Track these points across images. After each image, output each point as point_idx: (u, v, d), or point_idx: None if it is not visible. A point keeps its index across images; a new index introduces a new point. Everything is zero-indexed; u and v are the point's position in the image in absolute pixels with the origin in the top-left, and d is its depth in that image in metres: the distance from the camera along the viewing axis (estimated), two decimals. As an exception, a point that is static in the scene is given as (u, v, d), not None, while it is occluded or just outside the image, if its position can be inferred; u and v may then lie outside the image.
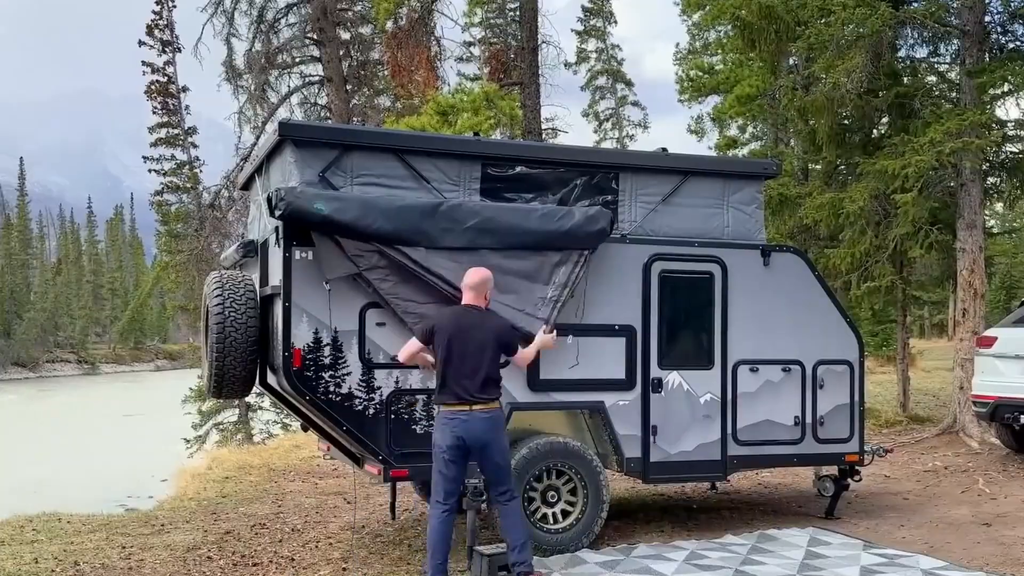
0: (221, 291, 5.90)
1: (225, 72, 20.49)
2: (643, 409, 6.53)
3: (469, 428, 5.17)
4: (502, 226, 5.96)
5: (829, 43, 10.82)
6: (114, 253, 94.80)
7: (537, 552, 6.00)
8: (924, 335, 41.34)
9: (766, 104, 18.42)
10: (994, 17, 11.39)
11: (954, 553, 6.26)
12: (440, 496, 5.27)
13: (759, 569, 5.85)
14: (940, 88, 12.49)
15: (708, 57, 22.96)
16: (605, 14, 38.24)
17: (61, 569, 6.19)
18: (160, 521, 7.85)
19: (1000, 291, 31.07)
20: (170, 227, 24.44)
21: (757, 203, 7.10)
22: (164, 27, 25.37)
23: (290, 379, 5.69)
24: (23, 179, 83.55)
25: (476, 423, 5.18)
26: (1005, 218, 31.72)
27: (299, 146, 5.90)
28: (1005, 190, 12.28)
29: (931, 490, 8.61)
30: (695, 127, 23.74)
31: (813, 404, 7.05)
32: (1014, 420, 9.27)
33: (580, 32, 38.57)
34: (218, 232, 20.90)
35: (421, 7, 17.34)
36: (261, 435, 20.80)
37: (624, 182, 6.64)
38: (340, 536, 7.06)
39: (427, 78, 17.70)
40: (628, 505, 7.88)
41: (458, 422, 5.17)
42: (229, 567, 6.24)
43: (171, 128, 25.75)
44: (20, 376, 65.33)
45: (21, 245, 77.96)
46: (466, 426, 5.17)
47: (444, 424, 5.22)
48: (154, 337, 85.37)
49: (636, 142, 38.49)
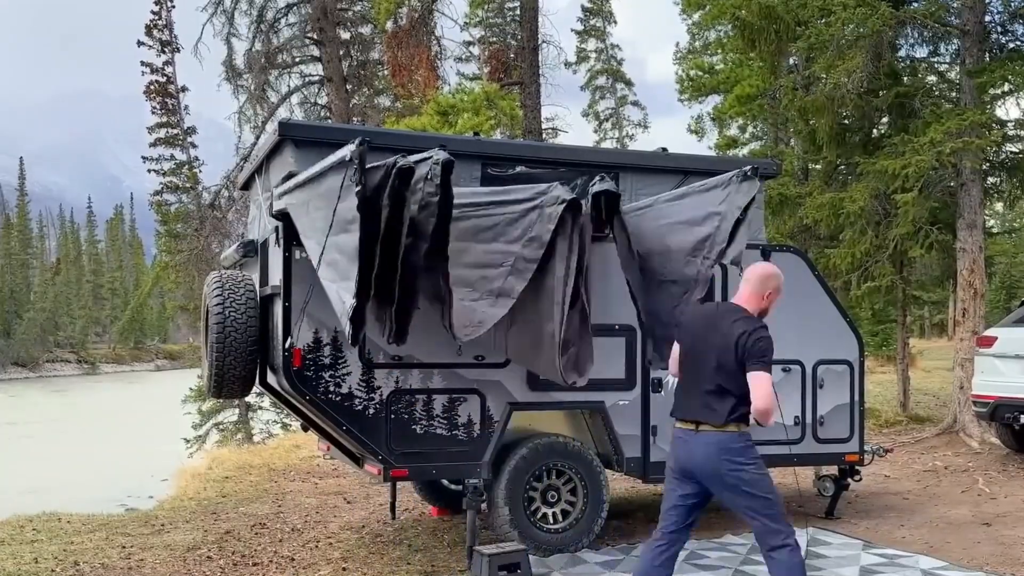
0: (221, 291, 5.90)
1: (225, 72, 20.51)
2: (643, 409, 6.53)
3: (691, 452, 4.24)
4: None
5: (829, 43, 10.82)
6: (114, 253, 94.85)
7: (537, 552, 6.01)
8: (924, 335, 41.35)
9: (766, 104, 18.41)
10: (994, 17, 11.40)
11: (954, 553, 6.26)
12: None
13: (759, 569, 5.84)
14: (940, 88, 12.49)
15: (708, 57, 22.97)
16: (605, 14, 38.25)
17: (61, 569, 6.19)
18: (160, 521, 7.84)
19: (1000, 291, 31.07)
20: (170, 227, 24.43)
21: (757, 203, 7.10)
22: (163, 27, 25.38)
23: (290, 379, 5.69)
24: (23, 179, 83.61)
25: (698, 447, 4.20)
26: (1005, 218, 31.75)
27: (299, 146, 5.89)
28: (1005, 190, 12.29)
29: (931, 490, 8.61)
30: (695, 127, 23.74)
31: (813, 404, 7.05)
32: (1014, 420, 9.26)
33: (580, 32, 38.58)
34: (218, 232, 20.92)
35: (421, 7, 17.35)
36: (261, 435, 20.80)
37: (624, 182, 6.64)
38: (340, 536, 7.06)
39: (427, 78, 17.71)
40: (628, 505, 7.88)
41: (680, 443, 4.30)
42: (229, 567, 6.24)
43: (171, 128, 25.76)
44: (20, 376, 65.36)
45: (21, 245, 77.99)
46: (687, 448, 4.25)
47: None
48: (154, 337, 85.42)
49: (636, 142, 38.54)
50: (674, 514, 4.32)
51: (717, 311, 4.50)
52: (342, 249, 4.51)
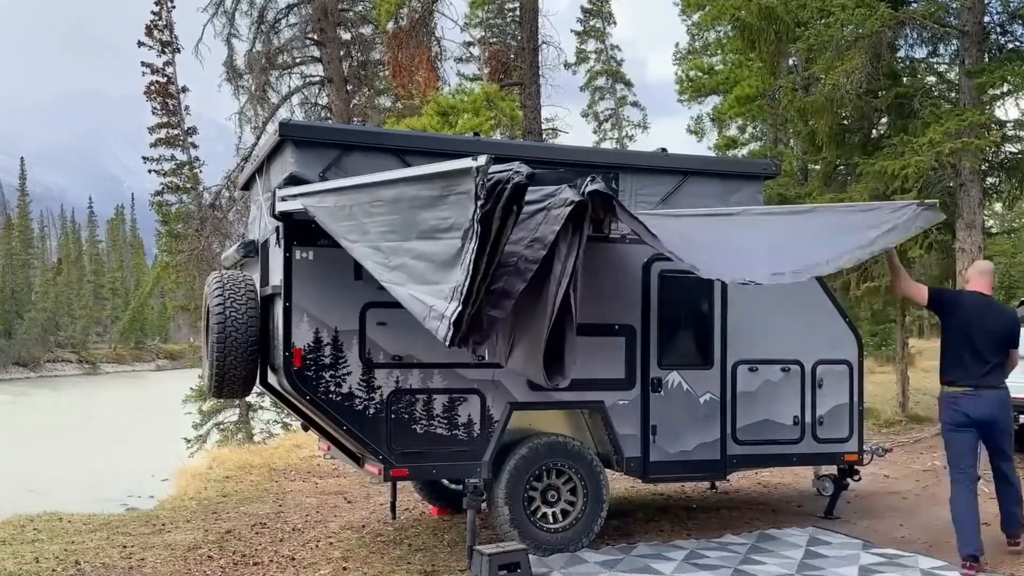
0: (222, 291, 5.92)
1: (226, 72, 20.54)
2: (643, 409, 6.55)
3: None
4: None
5: (829, 44, 10.84)
6: (115, 253, 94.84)
7: (537, 552, 6.03)
8: (923, 335, 41.30)
9: (766, 104, 18.44)
10: (993, 17, 11.40)
11: (954, 553, 6.26)
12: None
13: (758, 568, 5.87)
14: (939, 88, 12.49)
15: (708, 57, 22.99)
16: (605, 15, 38.25)
17: (62, 568, 6.21)
18: (161, 521, 7.86)
19: (999, 291, 31.03)
20: (170, 227, 24.44)
21: (757, 203, 7.12)
22: (163, 28, 25.42)
23: (290, 379, 5.71)
24: (24, 179, 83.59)
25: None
26: (1004, 218, 31.73)
27: (299, 146, 5.91)
28: (1004, 190, 12.28)
29: (930, 490, 8.62)
30: (695, 127, 23.77)
31: (812, 404, 7.06)
32: (1013, 420, 9.26)
33: (580, 32, 38.58)
34: (218, 232, 20.95)
35: (422, 8, 17.38)
36: (262, 435, 20.82)
37: (624, 182, 6.65)
38: (340, 535, 7.07)
39: (427, 78, 17.74)
40: (628, 504, 7.90)
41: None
42: (230, 566, 6.25)
43: (171, 128, 25.79)
44: (21, 376, 65.35)
45: (22, 245, 77.97)
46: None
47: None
48: (155, 337, 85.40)
49: (636, 142, 38.54)
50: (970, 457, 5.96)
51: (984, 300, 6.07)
52: (425, 255, 4.63)
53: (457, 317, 4.42)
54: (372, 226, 4.90)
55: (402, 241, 4.74)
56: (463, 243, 4.44)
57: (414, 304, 4.64)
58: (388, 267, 4.79)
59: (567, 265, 5.18)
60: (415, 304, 4.64)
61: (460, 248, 4.45)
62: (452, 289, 4.45)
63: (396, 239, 4.77)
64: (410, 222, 4.70)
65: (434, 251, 4.59)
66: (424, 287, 4.60)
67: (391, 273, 4.79)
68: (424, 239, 4.64)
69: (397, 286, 4.76)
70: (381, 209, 4.88)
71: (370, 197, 4.97)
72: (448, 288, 4.48)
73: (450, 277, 4.48)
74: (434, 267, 4.59)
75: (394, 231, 4.77)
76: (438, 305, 4.49)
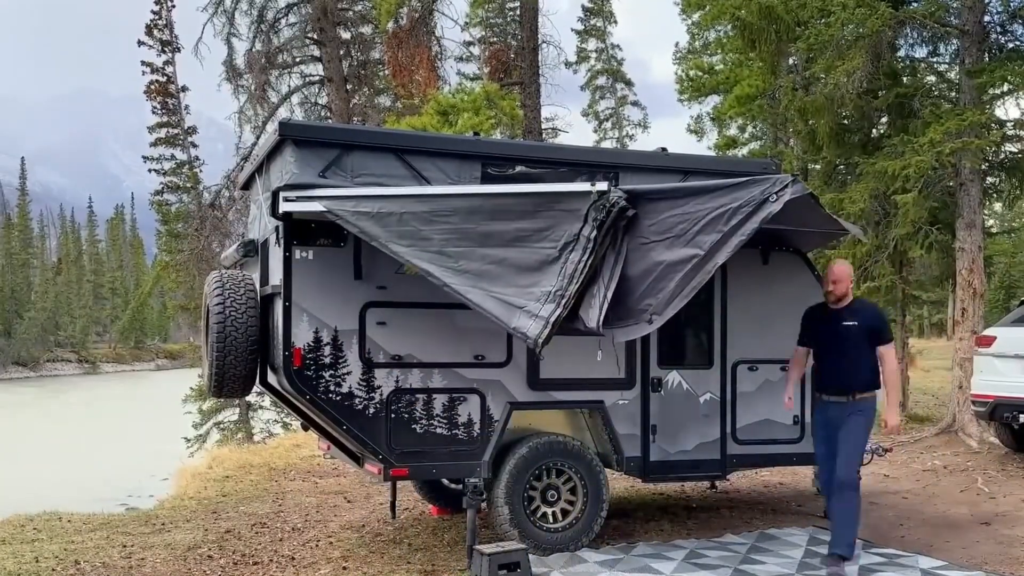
0: (222, 290, 5.91)
1: (225, 72, 20.52)
2: (643, 408, 6.55)
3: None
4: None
5: (829, 43, 10.83)
6: (115, 253, 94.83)
7: (537, 551, 6.02)
8: (923, 335, 41.38)
9: (766, 104, 18.43)
10: (993, 17, 11.39)
11: (954, 552, 6.27)
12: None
13: (758, 568, 5.87)
14: (940, 88, 12.49)
15: (708, 57, 22.96)
16: (605, 14, 38.21)
17: (62, 568, 6.21)
18: (161, 520, 7.86)
19: (999, 291, 31.08)
20: (170, 227, 24.43)
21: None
22: (163, 27, 25.39)
23: (290, 378, 5.71)
24: (24, 179, 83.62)
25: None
26: (1004, 218, 31.75)
27: (299, 146, 5.90)
28: (1004, 190, 12.27)
29: (930, 489, 8.62)
30: (695, 127, 23.74)
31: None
32: (1013, 419, 9.27)
33: (580, 32, 38.55)
34: (218, 232, 20.93)
35: (422, 7, 17.38)
36: (261, 434, 20.82)
37: (624, 181, 6.64)
38: (340, 535, 7.07)
39: (427, 78, 17.73)
40: (628, 504, 7.90)
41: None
42: (229, 566, 6.25)
43: (171, 128, 25.76)
44: (20, 375, 65.39)
45: (22, 244, 77.98)
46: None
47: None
48: (155, 336, 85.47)
49: (636, 142, 38.49)
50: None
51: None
52: (507, 260, 5.13)
53: (556, 318, 4.84)
54: (434, 233, 5.24)
55: (476, 247, 5.19)
56: (561, 253, 5.00)
57: (490, 303, 5.04)
58: (456, 270, 5.17)
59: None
60: (492, 303, 5.04)
61: (556, 257, 5.00)
62: (547, 292, 4.94)
63: (468, 245, 5.20)
64: (488, 232, 5.19)
65: (520, 257, 5.11)
66: (508, 289, 5.07)
67: (460, 276, 5.16)
68: (507, 246, 5.16)
69: (469, 287, 5.12)
70: (448, 217, 5.27)
71: (430, 207, 5.32)
72: (540, 291, 4.97)
73: (542, 281, 4.99)
74: (518, 271, 5.10)
75: (465, 238, 5.21)
76: (530, 306, 4.94)
